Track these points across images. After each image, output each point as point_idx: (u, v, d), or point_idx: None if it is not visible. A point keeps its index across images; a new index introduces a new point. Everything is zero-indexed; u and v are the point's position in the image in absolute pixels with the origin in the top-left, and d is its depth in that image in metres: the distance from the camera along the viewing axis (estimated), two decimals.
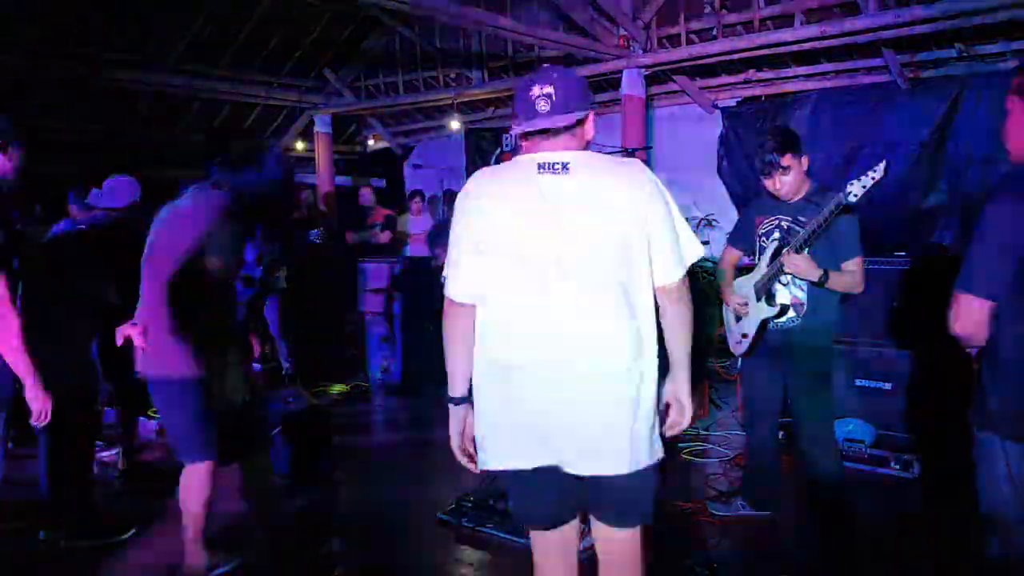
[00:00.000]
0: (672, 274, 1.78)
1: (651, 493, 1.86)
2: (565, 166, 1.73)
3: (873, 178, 2.70)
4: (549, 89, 1.71)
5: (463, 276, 1.81)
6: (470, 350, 1.85)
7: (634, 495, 1.83)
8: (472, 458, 1.91)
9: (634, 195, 1.73)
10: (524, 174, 1.75)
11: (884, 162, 2.72)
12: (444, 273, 1.87)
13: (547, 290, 1.72)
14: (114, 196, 3.78)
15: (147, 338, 2.67)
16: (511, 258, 1.75)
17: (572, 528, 1.94)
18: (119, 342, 2.73)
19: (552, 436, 1.75)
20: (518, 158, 1.80)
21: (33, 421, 2.50)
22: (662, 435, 1.85)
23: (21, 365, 2.42)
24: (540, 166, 1.74)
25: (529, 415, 1.75)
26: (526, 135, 1.78)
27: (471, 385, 1.87)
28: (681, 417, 1.92)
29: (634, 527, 1.87)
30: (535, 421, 1.75)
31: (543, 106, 1.71)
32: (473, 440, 1.90)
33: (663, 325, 1.83)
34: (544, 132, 1.75)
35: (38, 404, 2.46)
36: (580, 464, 1.76)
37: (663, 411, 1.90)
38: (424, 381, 5.80)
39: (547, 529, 1.91)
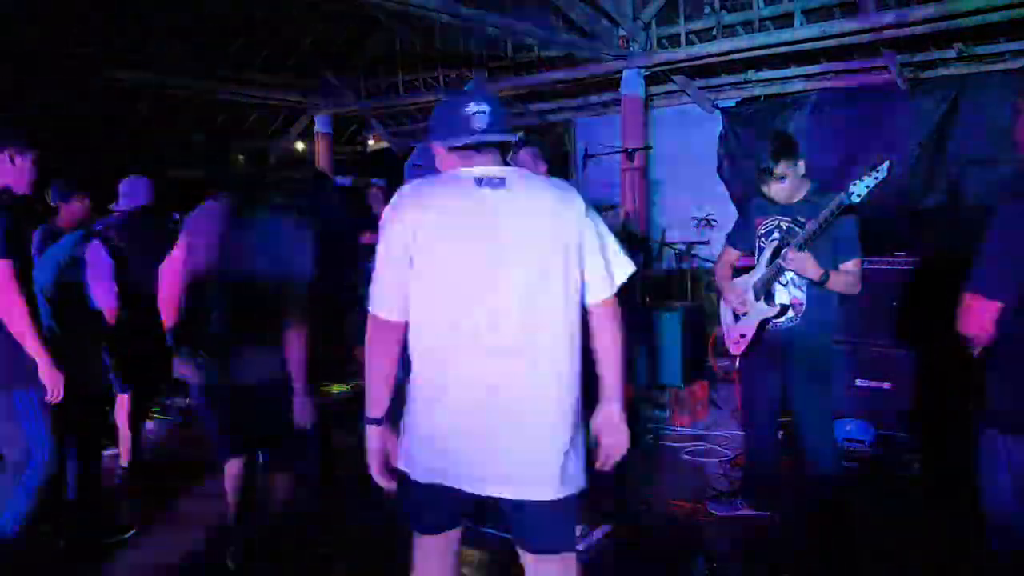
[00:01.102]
0: (606, 290, 1.82)
1: (574, 522, 1.87)
2: (503, 180, 1.74)
3: (876, 178, 2.69)
4: (485, 107, 1.74)
5: (388, 291, 1.75)
6: (392, 369, 1.79)
7: (559, 523, 1.81)
8: (392, 478, 1.86)
9: (569, 213, 1.77)
10: (461, 188, 1.74)
11: (887, 162, 2.69)
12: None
13: (483, 302, 1.70)
14: (131, 198, 3.85)
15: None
16: (445, 272, 1.71)
17: (456, 533, 1.91)
18: None
19: (481, 458, 1.72)
20: (452, 172, 1.78)
21: (47, 397, 2.64)
22: (591, 466, 1.84)
23: (32, 345, 2.56)
24: (478, 180, 1.73)
25: (459, 436, 1.73)
26: (457, 148, 1.77)
27: (390, 405, 1.82)
28: (619, 442, 1.86)
29: (562, 553, 1.83)
30: (466, 442, 1.72)
31: (479, 123, 1.73)
32: (391, 459, 1.86)
33: (596, 348, 1.84)
34: (477, 147, 1.76)
35: (51, 380, 2.61)
36: (511, 489, 1.73)
37: (594, 443, 1.88)
38: None
39: (434, 535, 1.88)
